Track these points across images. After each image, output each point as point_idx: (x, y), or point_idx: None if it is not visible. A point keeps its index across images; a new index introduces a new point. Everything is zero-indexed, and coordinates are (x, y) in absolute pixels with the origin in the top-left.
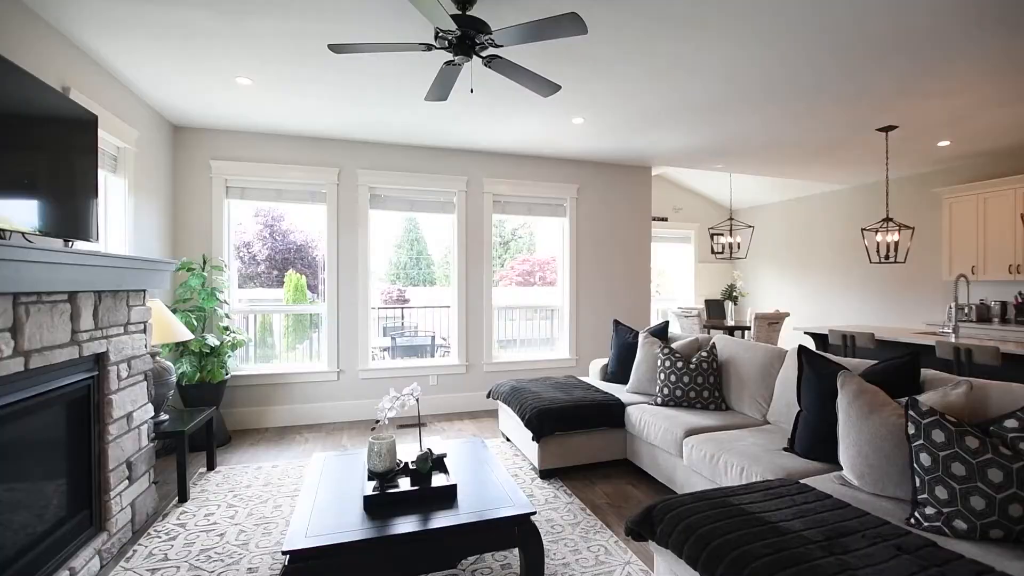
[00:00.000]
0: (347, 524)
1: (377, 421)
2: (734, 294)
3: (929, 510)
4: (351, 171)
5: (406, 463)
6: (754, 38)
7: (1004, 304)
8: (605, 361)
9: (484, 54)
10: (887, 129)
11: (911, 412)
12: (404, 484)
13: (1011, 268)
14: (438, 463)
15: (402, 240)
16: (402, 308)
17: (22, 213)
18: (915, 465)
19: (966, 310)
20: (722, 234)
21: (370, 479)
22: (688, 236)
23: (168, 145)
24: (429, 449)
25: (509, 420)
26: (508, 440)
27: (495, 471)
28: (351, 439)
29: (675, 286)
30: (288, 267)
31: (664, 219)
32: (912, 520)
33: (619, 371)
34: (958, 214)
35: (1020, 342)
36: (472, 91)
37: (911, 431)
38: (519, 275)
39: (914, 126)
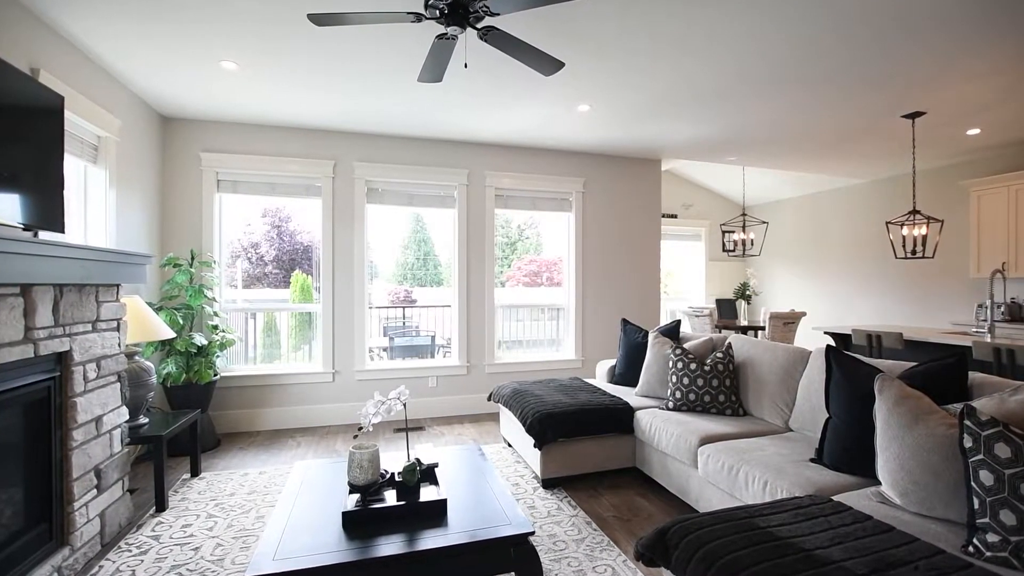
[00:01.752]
0: (322, 545)
1: (360, 427)
2: (747, 293)
3: (992, 537)
4: (347, 164)
5: (392, 474)
6: (766, 17)
7: None
8: (612, 362)
9: (479, 25)
10: (913, 116)
11: (968, 422)
12: (390, 498)
13: None
14: (428, 474)
15: (409, 241)
16: (403, 308)
17: None
18: (973, 484)
19: (1002, 308)
20: (734, 231)
21: (352, 492)
22: (699, 234)
23: (156, 136)
24: (417, 459)
25: (510, 424)
26: (510, 446)
27: (491, 482)
28: (345, 443)
29: (685, 285)
30: (295, 267)
31: (674, 216)
32: (971, 548)
33: (628, 373)
34: (987, 207)
35: None
36: (466, 66)
37: (968, 444)
38: (526, 275)
39: (943, 112)
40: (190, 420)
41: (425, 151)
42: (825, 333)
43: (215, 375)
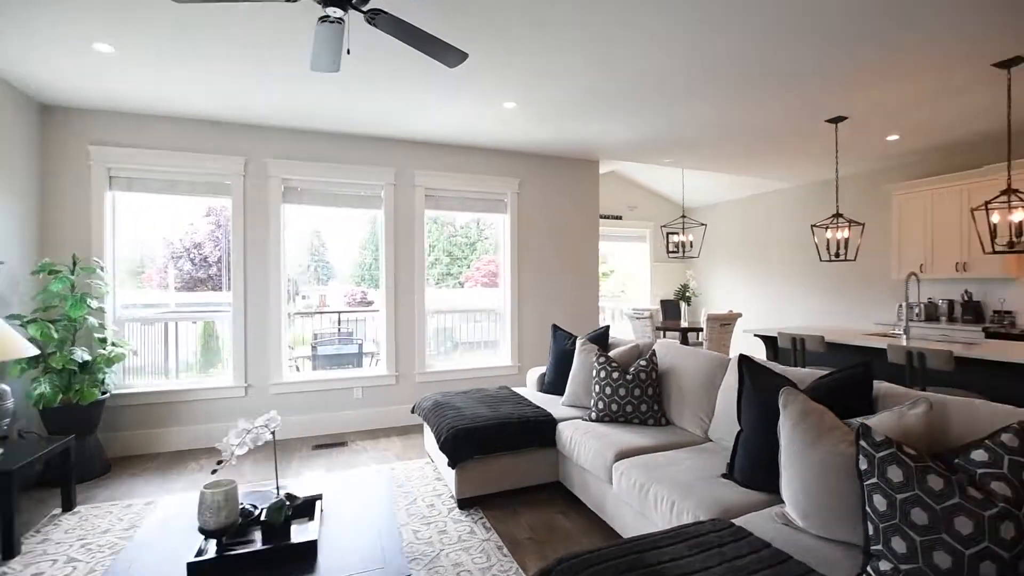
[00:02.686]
0: None
1: (219, 461)
2: (687, 294)
3: (884, 565)
4: (260, 161)
5: (260, 511)
6: (695, 17)
7: (951, 302)
8: (543, 370)
9: (365, 8)
10: (836, 120)
11: (863, 443)
12: (259, 540)
13: (958, 266)
14: (307, 508)
15: (366, 241)
16: (336, 313)
17: None
18: (868, 509)
19: (916, 309)
20: (676, 232)
21: (208, 537)
22: (643, 235)
23: (32, 125)
24: (286, 494)
25: (432, 440)
26: (432, 461)
27: (382, 515)
28: (254, 465)
29: (630, 286)
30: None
31: (619, 217)
32: None
33: (557, 381)
34: (907, 211)
35: (967, 342)
36: (348, 52)
37: (863, 466)
38: (484, 276)
39: (863, 117)
40: (59, 447)
41: (348, 148)
42: (755, 336)
43: (103, 393)
